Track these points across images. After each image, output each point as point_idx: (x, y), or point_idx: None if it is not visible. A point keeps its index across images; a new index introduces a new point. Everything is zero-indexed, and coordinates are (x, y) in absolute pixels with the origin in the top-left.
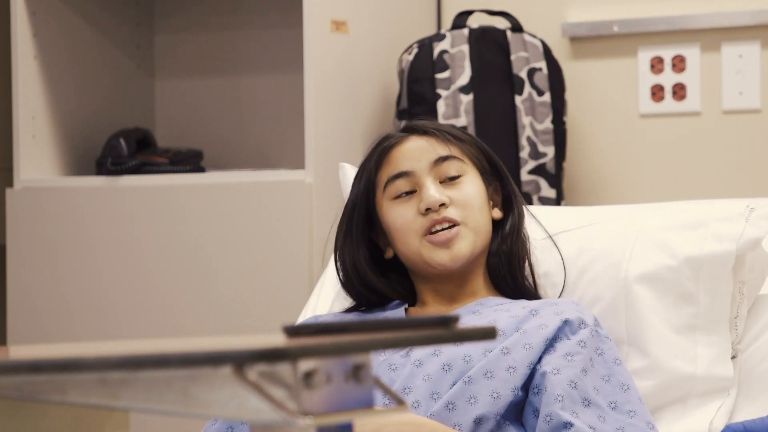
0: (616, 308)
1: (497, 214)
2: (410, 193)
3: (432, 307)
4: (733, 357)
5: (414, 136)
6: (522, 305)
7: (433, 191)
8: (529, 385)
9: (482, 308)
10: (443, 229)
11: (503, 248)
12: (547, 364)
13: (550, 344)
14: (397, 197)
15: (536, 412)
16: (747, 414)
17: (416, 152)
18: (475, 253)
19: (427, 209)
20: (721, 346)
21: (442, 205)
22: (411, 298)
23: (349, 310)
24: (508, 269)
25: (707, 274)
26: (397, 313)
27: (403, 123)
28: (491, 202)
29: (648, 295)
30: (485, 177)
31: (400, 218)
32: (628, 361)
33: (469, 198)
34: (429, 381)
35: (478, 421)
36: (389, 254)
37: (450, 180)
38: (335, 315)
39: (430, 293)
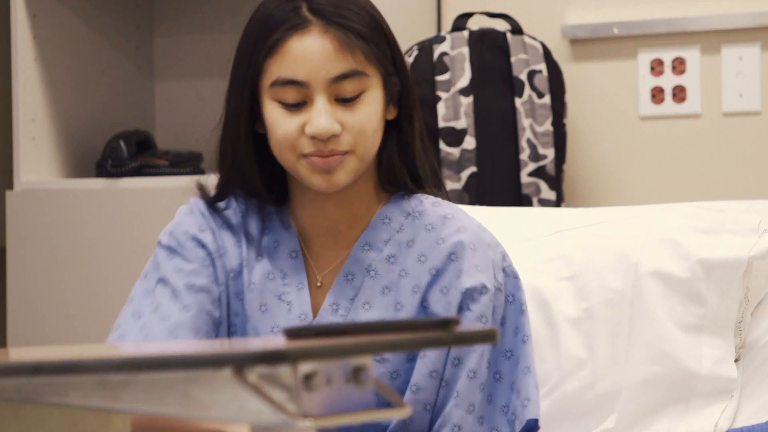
0: (621, 298)
1: (392, 113)
2: (298, 104)
3: (315, 238)
4: (736, 360)
5: (316, 30)
6: (418, 254)
7: (324, 119)
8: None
9: (377, 262)
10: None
11: (397, 154)
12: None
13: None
14: (283, 104)
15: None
16: (747, 415)
17: (315, 59)
18: (357, 177)
19: (314, 137)
20: (725, 349)
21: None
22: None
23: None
24: (399, 171)
25: (719, 277)
26: (289, 235)
27: None
28: (388, 99)
29: (657, 290)
30: (387, 81)
31: (281, 128)
32: (630, 351)
33: (364, 124)
34: None
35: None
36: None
37: (347, 100)
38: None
39: (308, 213)
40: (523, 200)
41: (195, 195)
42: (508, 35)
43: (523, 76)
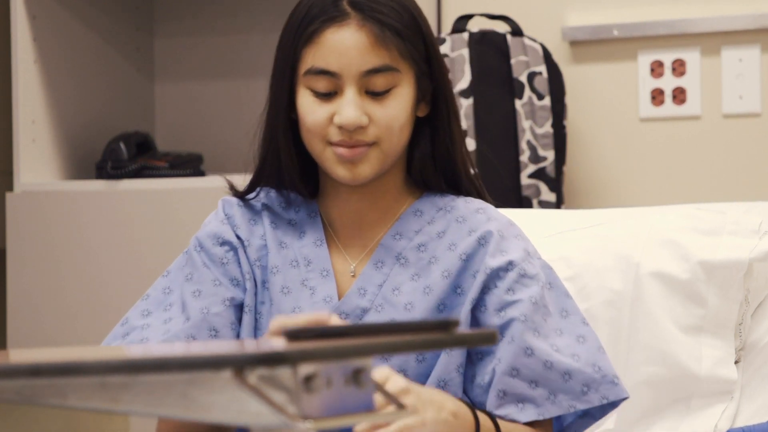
0: (621, 299)
1: (423, 111)
2: (329, 94)
3: (342, 229)
4: (736, 362)
5: (353, 24)
6: (449, 244)
7: (352, 110)
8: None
9: (407, 251)
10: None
11: (430, 152)
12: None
13: (480, 300)
14: (314, 92)
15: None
16: (747, 416)
17: (349, 52)
18: (382, 171)
19: (341, 126)
20: (726, 350)
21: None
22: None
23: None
24: (432, 171)
25: (719, 278)
26: (313, 221)
27: None
28: (419, 96)
29: (657, 291)
30: (420, 79)
31: (311, 116)
32: (630, 352)
33: (391, 118)
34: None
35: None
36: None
37: (377, 94)
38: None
39: (335, 204)
40: (523, 202)
41: (227, 194)
42: (508, 37)
43: (523, 78)
